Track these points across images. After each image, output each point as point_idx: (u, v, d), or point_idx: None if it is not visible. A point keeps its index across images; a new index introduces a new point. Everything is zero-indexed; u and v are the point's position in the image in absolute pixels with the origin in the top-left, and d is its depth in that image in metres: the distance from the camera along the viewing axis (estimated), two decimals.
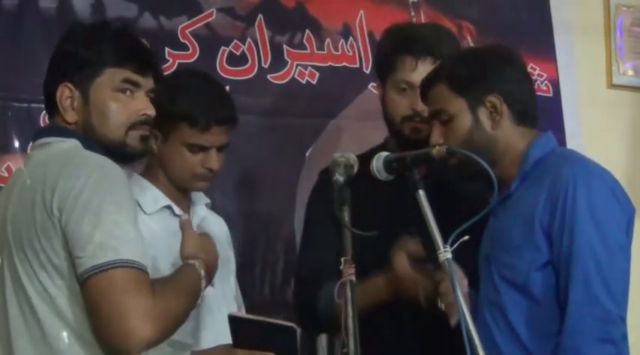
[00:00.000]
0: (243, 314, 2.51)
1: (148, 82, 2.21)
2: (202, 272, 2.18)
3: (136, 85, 2.18)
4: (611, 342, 2.25)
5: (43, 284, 2.00)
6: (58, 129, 2.19)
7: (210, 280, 2.26)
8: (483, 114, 2.45)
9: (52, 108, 2.19)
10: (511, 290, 2.37)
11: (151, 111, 2.18)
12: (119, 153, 2.16)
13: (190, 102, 2.55)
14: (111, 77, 2.16)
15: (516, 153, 2.44)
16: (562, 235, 2.29)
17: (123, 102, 2.16)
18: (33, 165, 2.13)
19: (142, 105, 2.17)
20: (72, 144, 2.13)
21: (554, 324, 2.31)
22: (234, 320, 2.28)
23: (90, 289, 1.95)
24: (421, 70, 2.63)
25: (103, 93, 2.15)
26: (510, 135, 2.45)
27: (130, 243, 1.97)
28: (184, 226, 2.31)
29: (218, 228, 2.77)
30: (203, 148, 2.57)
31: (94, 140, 2.15)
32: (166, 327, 1.99)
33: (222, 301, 2.63)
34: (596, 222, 2.28)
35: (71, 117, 2.15)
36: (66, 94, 2.15)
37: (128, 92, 2.17)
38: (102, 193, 1.98)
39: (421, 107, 2.62)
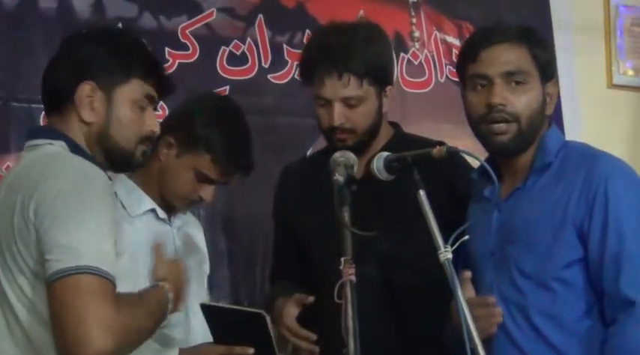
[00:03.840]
0: (214, 302, 2.51)
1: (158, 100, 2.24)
2: (170, 296, 2.14)
3: (152, 101, 2.19)
4: None
5: (22, 288, 1.98)
6: (46, 131, 2.17)
7: (176, 306, 2.21)
8: (547, 95, 2.42)
9: (55, 105, 2.16)
10: (537, 290, 2.31)
11: (157, 129, 2.21)
12: (124, 162, 2.16)
13: (224, 141, 2.54)
14: (135, 88, 2.16)
15: (535, 143, 2.40)
16: (606, 235, 2.25)
17: (138, 115, 2.16)
18: (20, 167, 2.11)
19: (152, 122, 2.19)
20: (58, 146, 2.10)
21: (580, 322, 2.28)
22: (206, 309, 2.31)
23: (52, 293, 1.90)
24: (329, 85, 2.59)
25: (125, 101, 2.15)
26: (545, 124, 2.43)
27: (98, 250, 1.92)
28: (157, 251, 2.27)
29: (197, 230, 2.78)
30: (210, 181, 2.58)
31: (102, 143, 2.13)
32: (126, 341, 1.93)
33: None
34: (638, 221, 2.26)
35: (89, 116, 2.12)
36: (87, 93, 2.12)
37: (145, 106, 2.18)
38: (78, 199, 1.95)
39: (338, 121, 2.59)
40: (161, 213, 2.61)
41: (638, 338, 2.20)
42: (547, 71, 2.41)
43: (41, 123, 3.04)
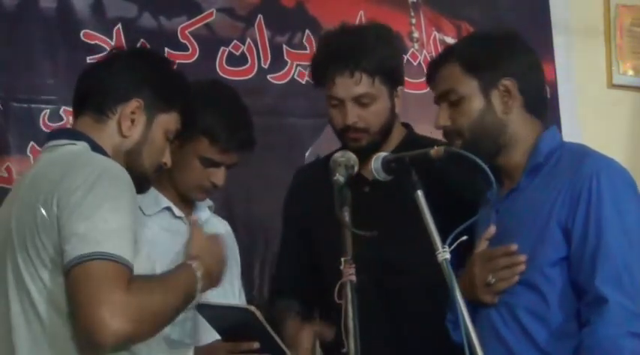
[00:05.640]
0: (206, 300, 2.51)
1: None
2: (199, 274, 2.15)
3: (176, 135, 2.30)
4: (639, 338, 2.19)
5: (43, 281, 2.02)
6: (69, 133, 2.22)
7: (212, 283, 2.23)
8: (496, 98, 2.39)
9: (92, 109, 2.20)
10: (524, 289, 2.31)
11: (170, 164, 2.30)
12: (140, 182, 2.20)
13: (217, 120, 2.55)
14: (172, 120, 2.25)
15: (526, 144, 2.39)
16: (587, 231, 2.24)
17: (165, 145, 2.26)
18: (41, 165, 2.16)
19: (168, 157, 2.29)
20: (81, 146, 2.15)
21: (568, 323, 2.27)
22: (201, 309, 2.31)
23: (69, 280, 1.96)
24: (341, 84, 2.60)
25: (161, 129, 2.23)
26: (520, 122, 2.40)
27: (114, 238, 1.97)
28: (193, 226, 2.33)
29: (222, 230, 2.77)
30: (215, 164, 2.58)
31: (130, 158, 2.19)
32: (142, 323, 1.96)
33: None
34: (622, 220, 2.24)
35: (127, 130, 2.19)
36: (132, 109, 2.19)
37: (170, 138, 2.28)
38: (98, 191, 2.00)
39: (351, 120, 2.60)
40: (177, 212, 2.63)
41: (611, 339, 2.17)
42: (488, 78, 2.40)
43: (40, 123, 3.05)
